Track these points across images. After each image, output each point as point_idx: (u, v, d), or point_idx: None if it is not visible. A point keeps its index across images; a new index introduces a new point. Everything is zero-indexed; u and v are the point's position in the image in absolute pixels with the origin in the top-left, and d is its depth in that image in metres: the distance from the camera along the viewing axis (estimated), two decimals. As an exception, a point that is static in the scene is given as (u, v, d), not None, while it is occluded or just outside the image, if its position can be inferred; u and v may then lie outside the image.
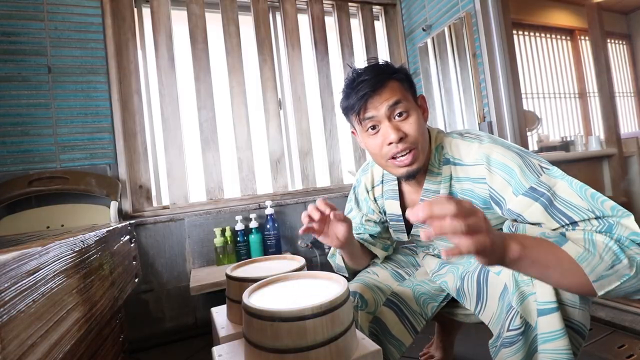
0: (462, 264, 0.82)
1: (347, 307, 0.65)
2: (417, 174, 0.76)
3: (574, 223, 0.58)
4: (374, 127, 0.73)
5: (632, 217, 0.56)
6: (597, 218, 0.57)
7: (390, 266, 0.94)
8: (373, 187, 0.94)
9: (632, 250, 0.53)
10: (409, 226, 0.89)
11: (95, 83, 1.60)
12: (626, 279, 0.52)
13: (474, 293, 0.76)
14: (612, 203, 0.58)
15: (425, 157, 0.76)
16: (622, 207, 0.57)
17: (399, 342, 0.83)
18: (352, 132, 0.83)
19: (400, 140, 0.71)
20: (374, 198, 0.94)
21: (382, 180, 0.91)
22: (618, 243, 0.53)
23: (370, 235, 0.95)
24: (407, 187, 0.86)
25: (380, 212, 0.94)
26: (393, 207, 0.88)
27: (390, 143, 0.71)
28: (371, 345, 0.67)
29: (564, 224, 0.59)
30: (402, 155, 0.72)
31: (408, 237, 0.90)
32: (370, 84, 0.71)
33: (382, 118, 0.71)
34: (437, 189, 0.78)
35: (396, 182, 0.88)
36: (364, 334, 0.71)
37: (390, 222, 0.92)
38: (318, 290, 0.70)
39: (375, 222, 0.95)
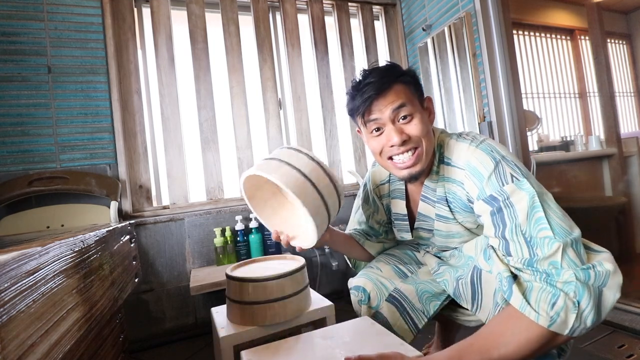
0: (460, 267, 0.82)
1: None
2: (420, 176, 0.77)
3: (504, 239, 0.62)
4: (378, 129, 0.74)
5: (559, 243, 0.56)
6: (525, 238, 0.60)
7: (392, 261, 0.95)
8: (377, 186, 0.95)
9: (567, 295, 0.53)
10: (412, 225, 0.89)
11: (95, 83, 1.60)
12: (577, 313, 0.53)
13: (469, 294, 0.76)
14: (547, 233, 0.57)
15: (429, 160, 0.76)
16: (558, 238, 0.57)
17: (400, 337, 0.83)
18: (358, 131, 0.83)
19: (403, 143, 0.72)
20: (379, 196, 0.95)
21: (389, 180, 0.93)
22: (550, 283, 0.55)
23: (374, 236, 0.98)
24: (411, 187, 0.88)
25: (384, 211, 0.95)
26: (399, 207, 0.90)
27: (393, 145, 0.72)
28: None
29: (497, 233, 0.63)
30: (403, 155, 0.73)
31: (412, 236, 0.91)
32: (375, 87, 0.71)
33: (387, 121, 0.72)
34: (435, 187, 0.79)
35: (403, 181, 0.88)
36: None
37: (395, 222, 0.93)
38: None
39: (379, 222, 0.97)
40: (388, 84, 0.72)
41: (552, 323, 0.53)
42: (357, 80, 0.76)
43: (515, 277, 0.60)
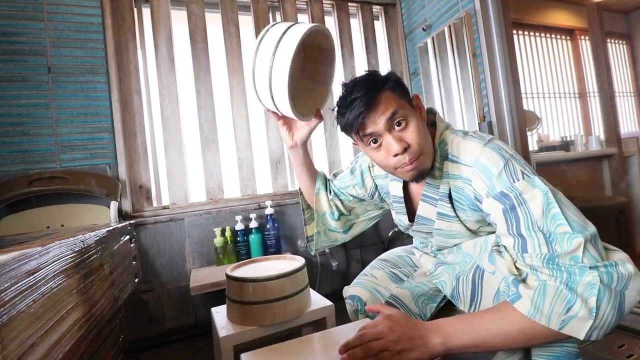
0: (458, 264, 0.82)
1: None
2: (426, 173, 0.76)
3: (520, 236, 0.61)
4: (375, 141, 0.73)
5: (580, 239, 0.55)
6: (543, 234, 0.59)
7: (387, 267, 0.95)
8: (373, 166, 0.95)
9: (586, 291, 0.53)
10: (411, 211, 0.88)
11: (95, 83, 1.60)
12: (594, 319, 0.52)
13: (468, 293, 0.76)
14: (566, 229, 0.56)
15: (431, 157, 0.76)
16: (577, 233, 0.56)
17: None
18: (354, 143, 0.82)
19: (405, 150, 0.71)
20: (373, 175, 0.95)
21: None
22: (568, 285, 0.54)
23: (337, 197, 1.01)
24: (411, 186, 0.88)
25: (370, 189, 0.96)
26: (397, 189, 0.88)
27: (396, 154, 0.71)
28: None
29: (512, 230, 0.62)
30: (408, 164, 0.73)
31: (409, 220, 0.89)
32: (364, 102, 0.70)
33: (382, 131, 0.71)
34: (437, 184, 0.78)
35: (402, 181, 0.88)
36: None
37: (394, 204, 0.92)
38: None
39: (352, 195, 0.98)
40: (376, 95, 0.71)
41: (563, 326, 0.53)
42: (342, 95, 0.75)
43: (521, 280, 0.59)
